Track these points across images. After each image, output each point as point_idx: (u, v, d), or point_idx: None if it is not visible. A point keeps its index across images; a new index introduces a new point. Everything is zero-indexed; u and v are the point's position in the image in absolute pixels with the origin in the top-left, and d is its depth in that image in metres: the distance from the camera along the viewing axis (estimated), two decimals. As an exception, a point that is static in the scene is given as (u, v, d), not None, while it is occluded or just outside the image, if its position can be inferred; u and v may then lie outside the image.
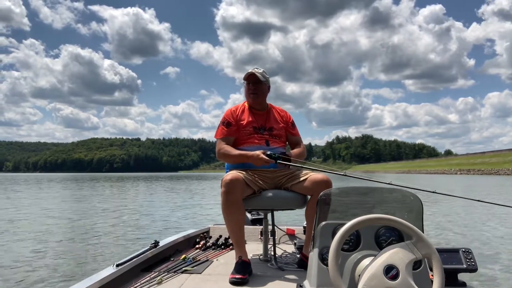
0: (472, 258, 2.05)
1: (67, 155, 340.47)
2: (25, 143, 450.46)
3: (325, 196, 1.87)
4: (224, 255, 3.10)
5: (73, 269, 4.71)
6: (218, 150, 2.82)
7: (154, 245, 2.90)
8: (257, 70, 2.88)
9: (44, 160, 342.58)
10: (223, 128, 2.85)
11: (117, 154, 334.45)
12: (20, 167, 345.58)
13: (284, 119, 3.02)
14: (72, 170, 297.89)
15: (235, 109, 2.94)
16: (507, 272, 4.59)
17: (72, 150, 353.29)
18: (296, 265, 2.72)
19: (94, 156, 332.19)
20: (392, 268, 1.35)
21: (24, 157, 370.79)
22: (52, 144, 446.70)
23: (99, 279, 2.14)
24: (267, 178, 2.72)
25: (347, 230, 1.42)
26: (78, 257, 5.34)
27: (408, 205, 1.82)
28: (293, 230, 3.70)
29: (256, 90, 2.88)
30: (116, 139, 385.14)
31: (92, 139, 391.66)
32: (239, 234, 2.58)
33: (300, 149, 2.97)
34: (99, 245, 6.23)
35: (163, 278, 2.41)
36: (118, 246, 6.19)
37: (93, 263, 4.97)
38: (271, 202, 2.67)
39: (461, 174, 76.66)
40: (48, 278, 4.32)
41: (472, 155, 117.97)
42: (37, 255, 5.48)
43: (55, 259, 5.25)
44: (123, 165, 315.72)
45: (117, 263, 2.40)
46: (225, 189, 2.49)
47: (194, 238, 3.50)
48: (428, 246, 1.41)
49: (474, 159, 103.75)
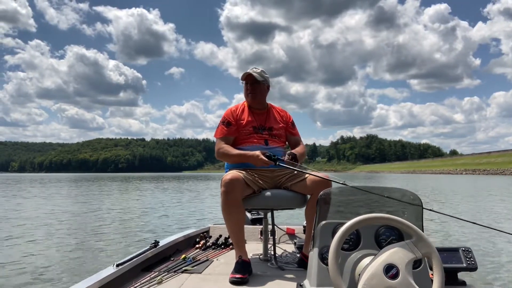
0: (472, 257, 2.05)
1: (73, 156, 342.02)
2: (31, 143, 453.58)
3: (325, 196, 1.87)
4: (224, 255, 3.10)
5: (73, 269, 4.71)
6: (218, 150, 2.82)
7: (154, 245, 2.90)
8: (255, 69, 2.88)
9: (49, 160, 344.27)
10: (223, 128, 2.84)
11: (122, 154, 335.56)
12: (25, 167, 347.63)
13: (284, 119, 3.02)
14: (78, 170, 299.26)
15: (235, 109, 2.94)
16: (507, 271, 4.58)
17: (77, 151, 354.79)
18: (296, 265, 2.72)
19: (99, 156, 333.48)
20: (392, 267, 1.35)
21: (29, 158, 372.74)
22: (58, 144, 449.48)
23: (99, 279, 2.14)
24: (266, 178, 2.72)
25: (347, 229, 1.42)
26: (78, 257, 5.34)
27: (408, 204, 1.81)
28: (293, 230, 3.69)
29: (254, 90, 2.87)
30: (121, 140, 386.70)
31: (97, 139, 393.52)
32: (239, 233, 2.58)
33: (300, 149, 2.95)
34: (99, 245, 6.23)
35: (163, 278, 2.41)
36: (118, 246, 6.19)
37: (93, 263, 4.96)
38: (271, 202, 2.66)
39: (466, 174, 76.27)
40: (48, 278, 4.32)
41: (477, 155, 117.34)
42: (37, 255, 5.47)
43: (55, 259, 5.25)
44: (128, 165, 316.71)
45: (117, 263, 2.40)
46: (225, 189, 2.49)
47: (194, 238, 3.50)
48: (428, 245, 1.41)
49: (479, 159, 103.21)
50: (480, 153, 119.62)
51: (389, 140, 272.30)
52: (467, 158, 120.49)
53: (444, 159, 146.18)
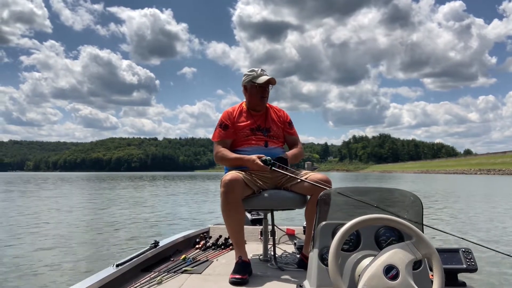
0: (472, 258, 2.05)
1: (86, 155, 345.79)
2: (46, 142, 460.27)
3: (325, 196, 1.87)
4: (224, 255, 3.10)
5: (73, 269, 4.72)
6: (216, 154, 2.81)
7: (154, 245, 2.90)
8: (266, 73, 2.88)
9: (63, 159, 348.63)
10: (220, 131, 2.84)
11: (135, 153, 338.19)
12: (40, 166, 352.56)
13: (282, 119, 3.00)
14: (91, 169, 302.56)
15: (231, 111, 2.92)
16: (507, 272, 4.56)
17: (91, 150, 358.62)
18: (296, 265, 2.71)
19: (113, 155, 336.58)
20: (392, 268, 1.36)
21: (44, 157, 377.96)
22: (72, 143, 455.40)
23: (99, 279, 2.15)
24: (266, 178, 2.70)
25: (347, 230, 1.42)
26: (78, 257, 5.36)
27: (408, 205, 1.81)
28: (293, 230, 3.69)
29: (267, 94, 2.89)
30: (133, 139, 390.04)
31: (110, 138, 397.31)
32: (239, 234, 2.58)
33: (296, 149, 2.94)
34: (99, 245, 6.25)
35: (163, 278, 2.41)
36: (118, 246, 6.21)
37: (93, 263, 4.98)
38: (271, 202, 2.66)
39: (481, 174, 75.27)
40: (48, 278, 4.34)
41: (492, 154, 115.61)
42: (36, 255, 5.49)
43: (55, 259, 5.26)
44: (140, 165, 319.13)
45: (117, 263, 2.41)
46: (225, 189, 2.49)
47: (194, 238, 3.50)
48: (428, 246, 1.41)
49: (494, 158, 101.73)
50: (495, 152, 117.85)
51: (402, 140, 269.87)
52: (481, 158, 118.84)
53: (458, 159, 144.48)
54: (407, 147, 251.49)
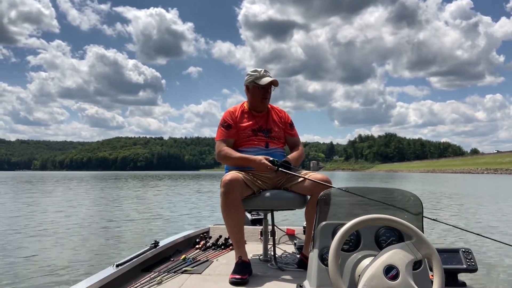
0: (472, 258, 2.04)
1: (93, 154, 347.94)
2: (52, 142, 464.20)
3: (325, 196, 1.87)
4: (224, 255, 3.10)
5: (73, 269, 4.72)
6: (218, 152, 2.79)
7: (154, 245, 2.91)
8: (269, 74, 2.87)
9: (70, 158, 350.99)
10: (223, 130, 2.82)
11: (141, 153, 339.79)
12: (47, 165, 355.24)
13: (283, 120, 2.99)
14: (97, 168, 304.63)
15: (233, 110, 2.91)
16: (507, 272, 4.55)
17: (97, 149, 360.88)
18: (296, 265, 2.70)
19: (119, 155, 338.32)
20: (392, 268, 1.36)
21: (51, 156, 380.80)
22: (78, 143, 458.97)
23: (99, 279, 2.15)
24: (266, 179, 2.70)
25: (347, 230, 1.42)
26: (78, 257, 5.37)
27: (408, 205, 1.81)
28: (293, 230, 3.68)
29: (269, 95, 2.88)
30: (139, 138, 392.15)
31: (116, 138, 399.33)
32: (239, 234, 2.57)
33: (298, 152, 2.91)
34: (99, 245, 6.25)
35: (163, 278, 2.41)
36: (118, 246, 6.21)
37: (93, 263, 4.99)
38: (271, 202, 2.65)
39: (487, 174, 74.75)
40: (48, 278, 4.35)
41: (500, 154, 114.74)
42: (36, 255, 5.50)
43: (55, 259, 5.26)
44: (146, 164, 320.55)
45: (117, 263, 2.41)
46: (225, 190, 2.48)
47: (194, 238, 3.50)
48: (428, 246, 1.41)
49: (502, 158, 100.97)
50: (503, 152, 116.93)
51: (408, 139, 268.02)
52: (488, 157, 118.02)
53: (465, 158, 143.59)
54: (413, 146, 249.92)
